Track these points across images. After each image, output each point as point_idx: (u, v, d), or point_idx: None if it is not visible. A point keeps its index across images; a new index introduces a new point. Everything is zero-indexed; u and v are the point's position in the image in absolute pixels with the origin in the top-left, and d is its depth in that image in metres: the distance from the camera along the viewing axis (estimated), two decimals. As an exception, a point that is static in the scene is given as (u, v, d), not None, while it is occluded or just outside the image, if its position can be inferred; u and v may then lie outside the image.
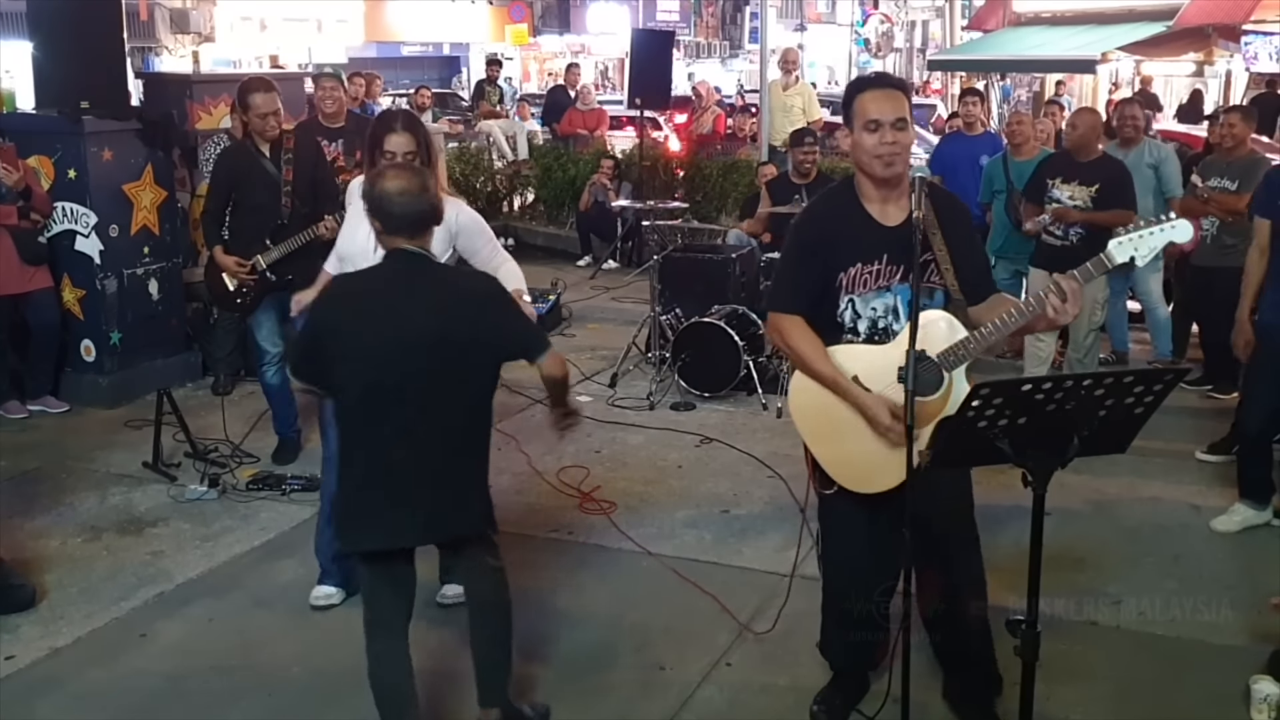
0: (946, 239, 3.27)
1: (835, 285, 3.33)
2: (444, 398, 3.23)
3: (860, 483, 3.40)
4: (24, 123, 7.08)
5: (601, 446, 6.26)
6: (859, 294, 3.32)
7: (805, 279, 3.39)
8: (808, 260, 3.39)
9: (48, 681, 4.00)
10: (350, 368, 3.21)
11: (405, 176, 3.32)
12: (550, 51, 37.76)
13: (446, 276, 3.46)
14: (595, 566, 4.85)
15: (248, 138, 5.79)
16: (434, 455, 3.24)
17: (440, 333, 3.19)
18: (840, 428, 3.34)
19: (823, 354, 3.32)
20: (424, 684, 3.51)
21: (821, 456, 3.48)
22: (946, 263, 3.26)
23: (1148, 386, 2.66)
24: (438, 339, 3.18)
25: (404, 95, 17.85)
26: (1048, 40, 21.00)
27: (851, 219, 3.32)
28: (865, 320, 3.33)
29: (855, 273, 3.31)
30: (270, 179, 5.66)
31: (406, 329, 3.17)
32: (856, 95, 3.31)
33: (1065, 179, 6.23)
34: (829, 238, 3.35)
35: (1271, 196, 5.03)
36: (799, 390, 3.46)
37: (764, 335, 7.37)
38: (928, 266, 3.26)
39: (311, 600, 4.47)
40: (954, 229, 3.31)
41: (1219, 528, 5.10)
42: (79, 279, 6.91)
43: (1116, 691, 3.87)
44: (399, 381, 3.18)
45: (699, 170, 11.65)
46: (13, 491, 5.59)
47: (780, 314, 3.41)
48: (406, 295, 3.23)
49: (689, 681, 3.93)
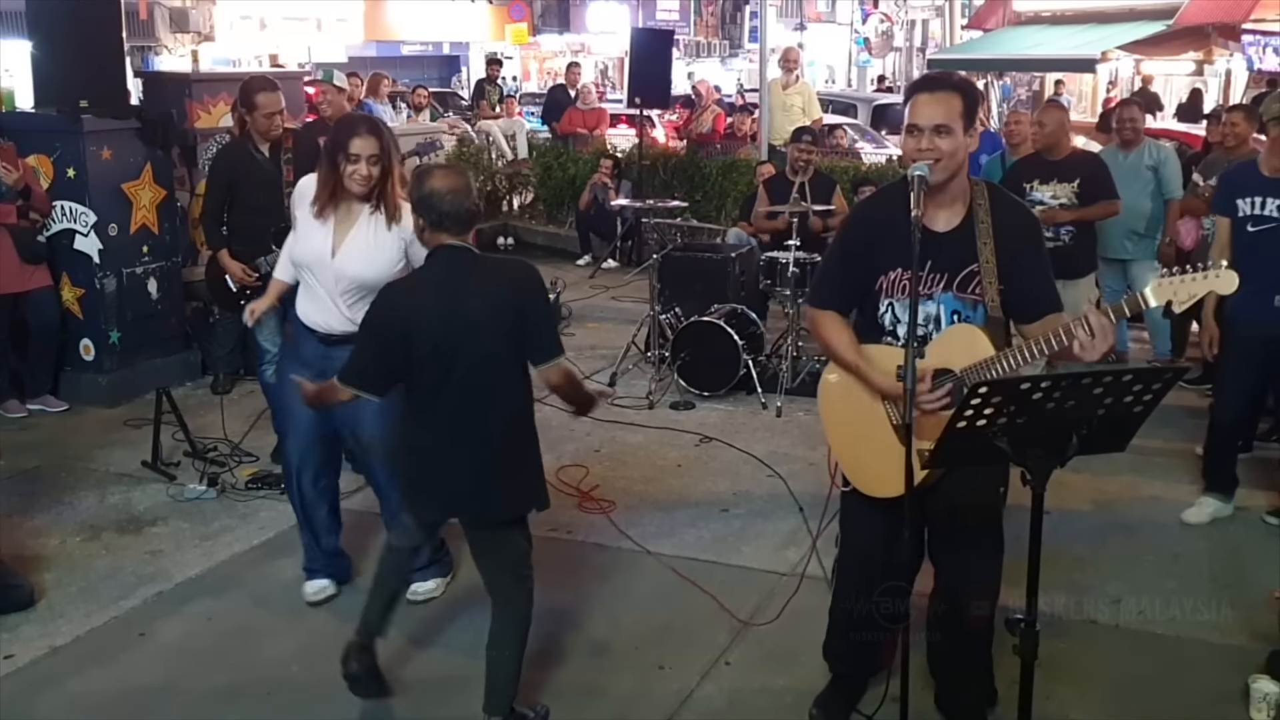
0: (998, 251, 3.16)
1: (876, 288, 3.30)
2: (506, 376, 3.44)
3: (871, 485, 3.39)
4: (23, 121, 7.07)
5: (601, 445, 6.25)
6: (898, 299, 3.27)
7: (845, 277, 3.39)
8: (850, 259, 3.37)
9: (47, 681, 4.00)
10: (424, 363, 3.36)
11: (453, 176, 3.46)
12: (550, 50, 37.73)
13: (495, 264, 3.63)
14: (594, 565, 4.84)
15: (246, 137, 5.79)
16: (498, 433, 3.45)
17: (495, 314, 3.36)
18: (858, 428, 3.34)
19: (849, 343, 3.32)
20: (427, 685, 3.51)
21: (839, 453, 3.49)
22: (991, 276, 3.15)
23: (1146, 385, 2.66)
24: (494, 322, 3.36)
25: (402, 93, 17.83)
26: (1047, 39, 21.02)
27: (898, 222, 3.16)
28: (904, 325, 3.25)
29: (896, 277, 3.26)
30: (268, 178, 5.66)
31: (473, 314, 3.34)
32: (909, 97, 3.22)
33: (1043, 179, 6.23)
34: (874, 238, 3.29)
35: (1228, 195, 5.11)
36: (827, 385, 3.48)
37: (763, 334, 7.40)
38: (973, 277, 3.18)
39: (306, 597, 4.48)
40: (1010, 241, 3.18)
41: (1190, 520, 5.19)
42: (78, 278, 6.90)
43: (1116, 691, 3.87)
44: (473, 363, 3.36)
45: (698, 169, 11.63)
46: (12, 490, 5.59)
47: (815, 309, 3.43)
48: (464, 283, 3.38)
49: (688, 681, 3.93)
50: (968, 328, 3.18)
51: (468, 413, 3.39)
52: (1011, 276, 3.18)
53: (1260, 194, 4.95)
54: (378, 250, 4.06)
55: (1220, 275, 2.82)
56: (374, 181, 4.02)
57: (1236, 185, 5.09)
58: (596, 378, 7.41)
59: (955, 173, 3.16)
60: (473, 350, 3.35)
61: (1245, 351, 5.01)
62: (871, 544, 3.47)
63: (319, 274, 4.11)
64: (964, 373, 3.10)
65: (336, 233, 4.09)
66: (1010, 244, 3.18)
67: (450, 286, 3.37)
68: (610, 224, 11.47)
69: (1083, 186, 6.10)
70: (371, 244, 4.07)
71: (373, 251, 4.06)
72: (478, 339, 3.35)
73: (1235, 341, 5.01)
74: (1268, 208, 4.93)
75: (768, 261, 7.31)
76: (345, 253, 4.07)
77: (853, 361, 3.30)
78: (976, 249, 3.17)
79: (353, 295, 4.08)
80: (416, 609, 4.39)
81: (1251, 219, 4.97)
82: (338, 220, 4.10)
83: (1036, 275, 3.25)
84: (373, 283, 3.91)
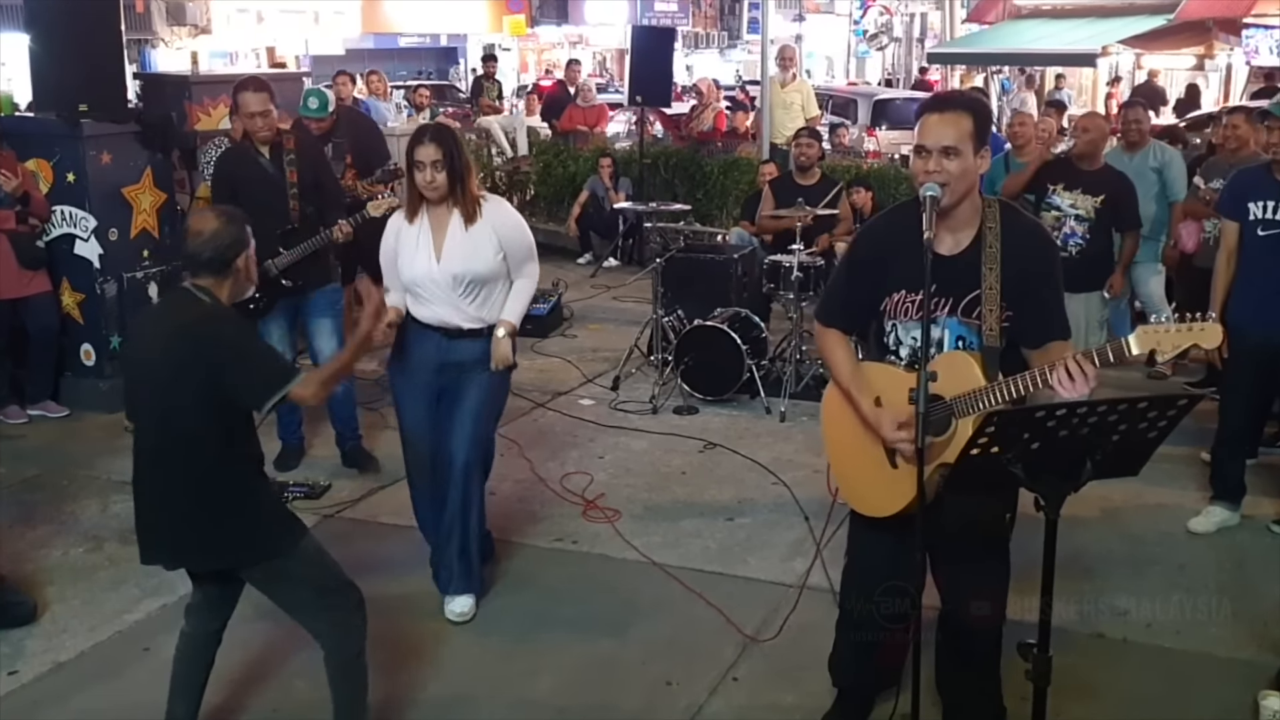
0: (1004, 275, 3.10)
1: (882, 308, 3.27)
2: (191, 430, 3.24)
3: (862, 504, 3.40)
4: (22, 126, 7.03)
5: (605, 452, 6.23)
6: (901, 321, 3.23)
7: (850, 295, 3.37)
8: (856, 277, 3.35)
9: (51, 697, 3.99)
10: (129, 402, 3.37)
11: (206, 220, 3.34)
12: (548, 42, 37.64)
13: (197, 317, 3.31)
14: (600, 577, 4.83)
15: (247, 139, 5.75)
16: (184, 486, 3.31)
17: (180, 366, 3.21)
18: (853, 447, 3.33)
19: (849, 366, 3.31)
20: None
21: (835, 469, 3.49)
22: (993, 303, 3.09)
23: (1162, 412, 2.65)
24: (178, 374, 3.21)
25: (401, 87, 17.77)
26: (1047, 33, 20.96)
27: (905, 243, 3.12)
28: (906, 348, 3.24)
29: (899, 299, 3.22)
30: (271, 180, 5.61)
31: (156, 363, 3.26)
32: (920, 116, 3.13)
33: (1067, 186, 6.13)
34: (881, 258, 3.25)
35: (1238, 198, 5.06)
36: (829, 399, 3.47)
37: (767, 338, 7.37)
38: (977, 302, 3.12)
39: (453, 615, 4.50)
40: (1018, 264, 3.11)
41: (1196, 529, 5.18)
42: (78, 283, 6.88)
43: (1124, 707, 3.87)
44: (157, 412, 3.28)
45: (699, 168, 11.61)
46: (12, 500, 5.57)
47: (820, 324, 3.42)
48: (161, 330, 3.34)
49: (696, 697, 3.91)
50: (962, 355, 3.12)
51: (159, 461, 3.29)
52: (1017, 300, 3.12)
53: (1273, 198, 4.90)
54: (473, 246, 4.32)
55: (1205, 328, 2.79)
56: (443, 185, 4.25)
57: (1247, 189, 5.03)
58: (599, 381, 7.40)
59: (964, 196, 3.09)
60: (155, 400, 3.25)
61: (1253, 357, 4.99)
62: (877, 565, 3.45)
63: (429, 288, 4.36)
64: (952, 401, 3.07)
65: (434, 241, 4.34)
66: (1018, 267, 3.11)
67: (152, 331, 3.35)
68: (611, 223, 11.44)
69: (1104, 204, 5.99)
70: (466, 242, 4.31)
71: (469, 248, 4.32)
72: (159, 389, 3.23)
73: (1243, 347, 4.96)
74: (1279, 212, 4.89)
75: (771, 265, 7.29)
76: (446, 256, 4.32)
77: (845, 386, 3.29)
78: (981, 274, 3.11)
79: (468, 292, 4.35)
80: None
81: (1262, 223, 4.94)
82: (433, 228, 4.35)
83: (1044, 299, 3.18)
84: (481, 275, 4.32)
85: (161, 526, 3.35)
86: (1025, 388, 2.96)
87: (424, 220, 4.35)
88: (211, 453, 3.25)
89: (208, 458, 3.25)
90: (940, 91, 4.01)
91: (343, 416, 5.99)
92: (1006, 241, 3.12)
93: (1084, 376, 2.84)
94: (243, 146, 5.84)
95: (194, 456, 3.24)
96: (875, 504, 3.32)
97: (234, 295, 3.36)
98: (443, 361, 4.40)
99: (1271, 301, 4.87)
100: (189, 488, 3.27)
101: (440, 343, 4.40)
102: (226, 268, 3.29)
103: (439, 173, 4.22)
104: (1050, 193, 6.17)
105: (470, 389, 4.41)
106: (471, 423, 4.39)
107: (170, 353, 3.21)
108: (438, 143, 4.23)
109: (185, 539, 3.34)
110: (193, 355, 3.18)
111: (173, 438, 3.24)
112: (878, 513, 3.30)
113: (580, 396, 7.11)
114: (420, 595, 4.59)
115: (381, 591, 4.66)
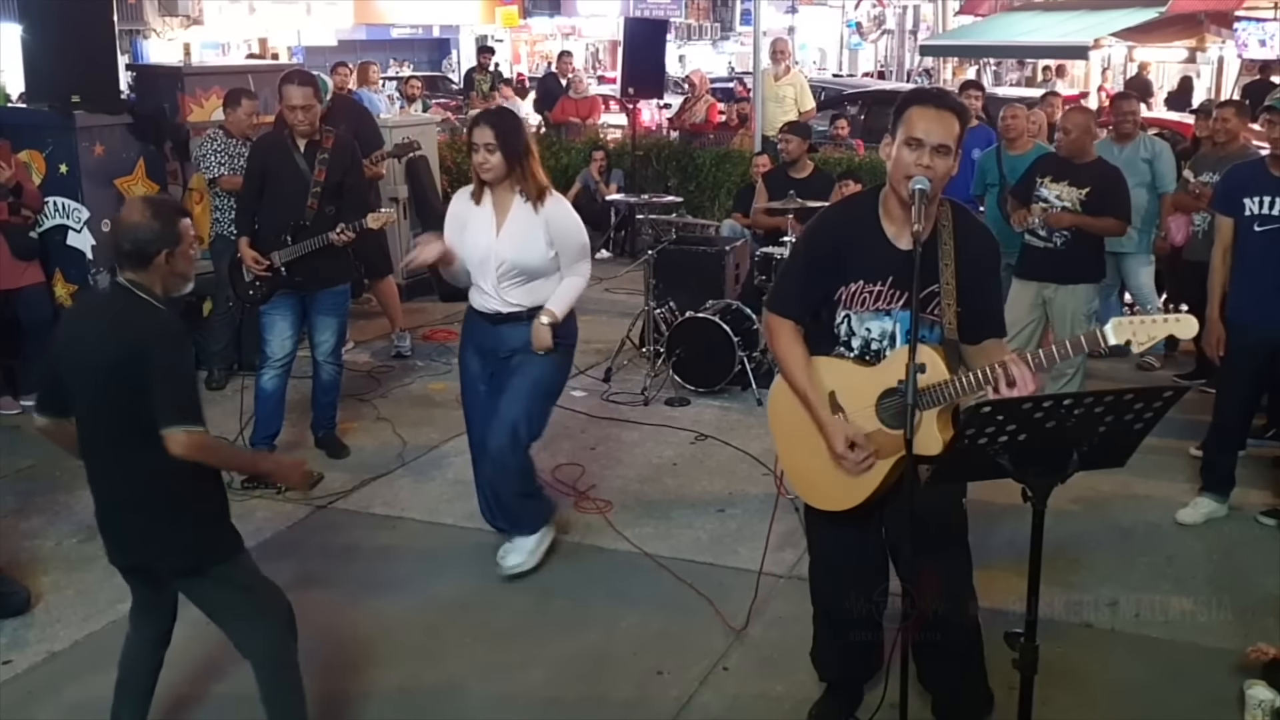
0: (959, 273, 3.15)
1: (835, 297, 3.28)
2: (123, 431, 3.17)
3: (813, 497, 3.44)
4: (15, 117, 7.03)
5: (596, 443, 6.26)
6: (856, 311, 3.26)
7: (805, 286, 3.36)
8: (811, 268, 3.34)
9: (46, 687, 4.01)
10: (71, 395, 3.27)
11: (134, 210, 3.27)
12: (541, 34, 37.64)
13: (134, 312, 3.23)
14: (592, 568, 4.85)
15: (287, 128, 5.75)
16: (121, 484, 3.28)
17: (112, 365, 3.13)
18: (805, 440, 3.34)
19: (802, 365, 3.30)
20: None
21: (785, 464, 3.53)
22: (951, 298, 3.14)
23: (1148, 404, 2.68)
24: (109, 373, 3.13)
25: (393, 79, 17.76)
26: (1040, 25, 20.97)
27: (864, 234, 3.19)
28: (859, 339, 3.27)
29: (856, 289, 3.24)
30: (299, 175, 5.62)
31: (89, 359, 3.18)
32: (909, 106, 3.12)
33: (1055, 178, 6.13)
34: (837, 248, 3.27)
35: (1232, 194, 5.07)
36: (778, 391, 3.47)
37: (759, 330, 7.39)
38: (933, 297, 3.16)
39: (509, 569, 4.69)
40: (971, 265, 3.18)
41: (1184, 520, 5.21)
42: (71, 274, 6.88)
43: (1111, 696, 3.90)
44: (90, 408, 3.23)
45: (691, 159, 11.61)
46: (6, 490, 5.58)
47: (774, 315, 3.40)
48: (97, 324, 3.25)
49: (687, 687, 3.94)
50: (925, 349, 3.10)
51: (93, 458, 3.27)
52: (965, 296, 3.18)
53: (1270, 193, 4.89)
54: (527, 236, 4.46)
55: (1180, 321, 2.87)
56: (498, 167, 4.39)
57: (1244, 184, 5.02)
58: (591, 373, 7.42)
59: (936, 194, 3.13)
60: (87, 397, 3.19)
61: (1248, 352, 5.00)
62: (835, 553, 3.52)
63: (481, 269, 4.52)
64: (921, 392, 3.07)
65: (497, 219, 4.51)
66: (970, 267, 3.18)
67: (85, 325, 3.27)
68: (603, 214, 11.45)
69: (1090, 196, 5.99)
70: (525, 229, 4.46)
71: (523, 237, 4.46)
72: (90, 387, 3.16)
73: (1243, 344, 4.97)
74: (1276, 207, 4.88)
75: (763, 258, 7.30)
76: (504, 236, 4.48)
77: (802, 388, 3.29)
78: (938, 269, 3.15)
79: (509, 278, 4.49)
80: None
81: (1258, 218, 4.93)
82: (496, 209, 4.51)
83: (988, 299, 3.28)
84: (528, 267, 4.47)
85: (107, 523, 3.34)
86: (979, 383, 3.02)
87: (488, 201, 4.53)
88: (143, 452, 3.13)
89: (140, 456, 3.15)
90: (932, 87, 3.98)
91: (323, 404, 6.11)
92: (960, 240, 3.18)
93: (1024, 384, 2.93)
94: (278, 137, 5.82)
95: (125, 454, 3.18)
96: (832, 498, 3.34)
97: (168, 289, 3.25)
98: (491, 348, 4.63)
99: (1271, 298, 4.86)
100: (123, 485, 3.22)
101: (487, 330, 4.61)
102: (147, 261, 3.17)
103: (492, 155, 4.37)
104: (1039, 185, 6.17)
105: (515, 374, 4.59)
106: (510, 404, 4.56)
107: (104, 352, 3.13)
108: (491, 125, 4.39)
109: (119, 535, 3.32)
110: (126, 356, 3.09)
111: (106, 435, 3.19)
112: (835, 507, 3.33)
113: (572, 388, 7.08)
114: (412, 586, 4.62)
115: (373, 581, 4.71)
